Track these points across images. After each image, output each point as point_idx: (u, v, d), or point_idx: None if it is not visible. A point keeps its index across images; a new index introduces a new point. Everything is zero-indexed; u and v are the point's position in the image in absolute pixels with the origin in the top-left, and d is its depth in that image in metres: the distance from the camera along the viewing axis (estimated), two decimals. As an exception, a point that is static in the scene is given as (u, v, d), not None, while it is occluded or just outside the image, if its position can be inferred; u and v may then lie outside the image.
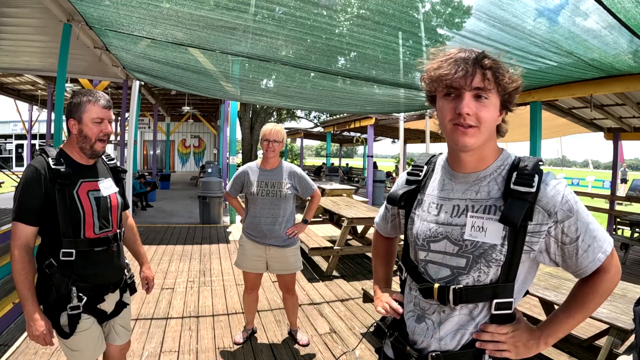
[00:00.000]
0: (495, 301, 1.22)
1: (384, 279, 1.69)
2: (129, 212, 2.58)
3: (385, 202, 1.60)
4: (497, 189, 1.24)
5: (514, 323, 1.26)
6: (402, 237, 1.56)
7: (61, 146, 2.09)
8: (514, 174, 1.20)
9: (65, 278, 1.95)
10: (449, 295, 1.24)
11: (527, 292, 1.34)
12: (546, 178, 1.20)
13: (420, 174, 1.44)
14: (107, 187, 2.16)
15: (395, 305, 1.44)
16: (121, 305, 2.29)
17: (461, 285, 1.23)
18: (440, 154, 1.46)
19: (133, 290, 2.40)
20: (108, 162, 2.31)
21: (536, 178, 1.17)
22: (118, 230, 2.21)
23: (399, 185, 1.49)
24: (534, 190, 1.16)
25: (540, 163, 1.22)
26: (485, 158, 1.28)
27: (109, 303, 2.19)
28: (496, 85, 1.18)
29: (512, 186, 1.19)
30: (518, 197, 1.16)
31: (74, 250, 1.96)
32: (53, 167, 1.92)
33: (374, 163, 15.18)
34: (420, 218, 1.37)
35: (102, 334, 2.18)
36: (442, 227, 1.30)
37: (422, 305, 1.34)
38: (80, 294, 1.99)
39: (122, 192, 2.31)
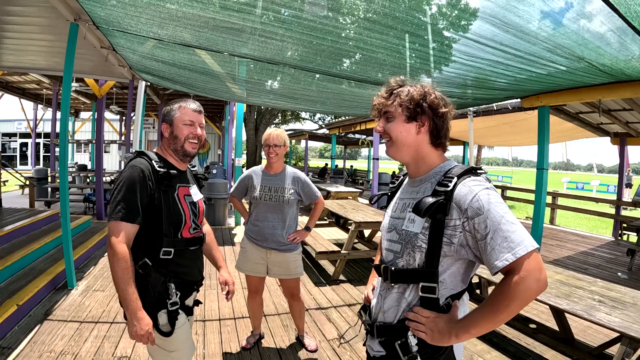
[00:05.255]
0: (421, 284, 1.41)
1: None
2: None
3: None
4: (430, 189, 1.46)
5: (444, 313, 1.40)
6: None
7: (155, 150, 2.20)
8: (442, 178, 1.44)
9: (162, 276, 2.01)
10: (388, 274, 1.50)
11: (470, 291, 1.50)
12: (466, 181, 1.38)
13: (397, 180, 1.78)
14: (195, 192, 2.28)
15: (367, 293, 1.82)
16: (196, 304, 2.37)
17: (398, 267, 1.49)
18: None
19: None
20: (191, 170, 2.42)
21: (454, 180, 1.37)
22: (203, 233, 2.34)
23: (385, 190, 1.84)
24: (449, 189, 1.36)
25: (474, 170, 1.42)
26: (423, 166, 1.55)
27: (190, 301, 2.28)
28: (399, 106, 1.51)
29: (435, 187, 1.42)
30: (434, 195, 1.38)
31: (172, 249, 2.04)
32: (158, 169, 2.02)
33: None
34: (388, 214, 1.68)
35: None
36: (394, 220, 1.58)
37: (381, 285, 1.61)
38: (177, 291, 2.07)
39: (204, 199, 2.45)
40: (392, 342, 1.48)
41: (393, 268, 1.48)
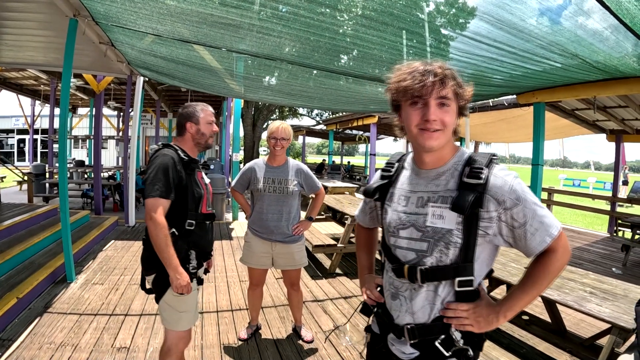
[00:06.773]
0: (457, 279, 1.37)
1: (367, 266, 1.89)
2: None
3: (363, 196, 1.79)
4: (454, 182, 1.40)
5: (477, 301, 1.41)
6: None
7: (176, 144, 2.57)
8: (467, 169, 1.37)
9: (185, 244, 2.41)
10: (417, 275, 1.40)
11: (492, 272, 1.49)
12: (495, 171, 1.35)
13: (392, 169, 1.63)
14: (204, 176, 2.73)
15: (377, 294, 1.65)
16: (205, 272, 2.77)
17: (427, 266, 1.40)
18: (410, 152, 1.61)
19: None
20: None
21: (485, 171, 1.34)
22: (214, 211, 2.78)
23: (374, 180, 1.69)
24: (482, 181, 1.32)
25: (493, 158, 1.39)
26: (443, 156, 1.44)
27: (201, 273, 2.66)
28: (455, 95, 1.37)
29: (464, 179, 1.36)
30: (468, 188, 1.33)
31: (194, 222, 2.46)
32: (183, 157, 2.48)
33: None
34: (392, 209, 1.55)
35: None
36: (409, 216, 1.47)
37: (396, 284, 1.52)
38: (196, 257, 2.49)
39: None
40: (429, 342, 1.43)
41: (423, 268, 1.39)
